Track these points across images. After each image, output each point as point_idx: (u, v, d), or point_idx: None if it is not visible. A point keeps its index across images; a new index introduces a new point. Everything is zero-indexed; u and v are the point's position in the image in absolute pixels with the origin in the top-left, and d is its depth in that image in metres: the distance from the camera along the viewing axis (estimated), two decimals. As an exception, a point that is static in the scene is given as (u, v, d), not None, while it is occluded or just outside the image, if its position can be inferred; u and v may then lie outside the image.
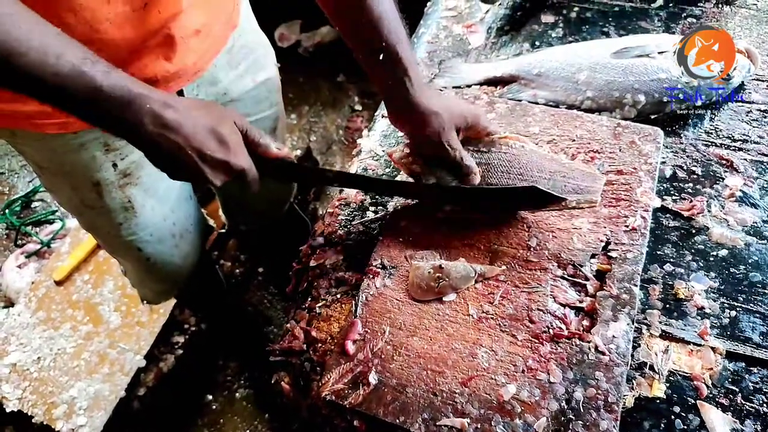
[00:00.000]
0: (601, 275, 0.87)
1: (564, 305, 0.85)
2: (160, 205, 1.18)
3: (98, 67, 0.67)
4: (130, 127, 0.71)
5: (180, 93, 1.01)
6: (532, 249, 0.91)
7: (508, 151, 0.96)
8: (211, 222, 2.05)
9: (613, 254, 0.89)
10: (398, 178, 1.06)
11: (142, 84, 0.71)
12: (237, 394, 1.88)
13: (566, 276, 0.88)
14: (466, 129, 0.94)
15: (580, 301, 0.85)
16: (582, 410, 0.75)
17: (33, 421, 1.64)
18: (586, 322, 0.83)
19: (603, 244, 0.90)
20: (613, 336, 0.81)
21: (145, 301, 1.72)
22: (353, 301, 0.90)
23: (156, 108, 0.70)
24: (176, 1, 0.88)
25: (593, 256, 0.89)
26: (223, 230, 2.05)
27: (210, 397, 1.87)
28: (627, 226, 0.91)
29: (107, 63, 0.68)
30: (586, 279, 0.87)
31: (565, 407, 0.76)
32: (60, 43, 0.65)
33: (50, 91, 0.66)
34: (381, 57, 0.87)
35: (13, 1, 0.64)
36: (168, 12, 0.87)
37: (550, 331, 0.82)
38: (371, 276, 0.92)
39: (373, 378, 0.81)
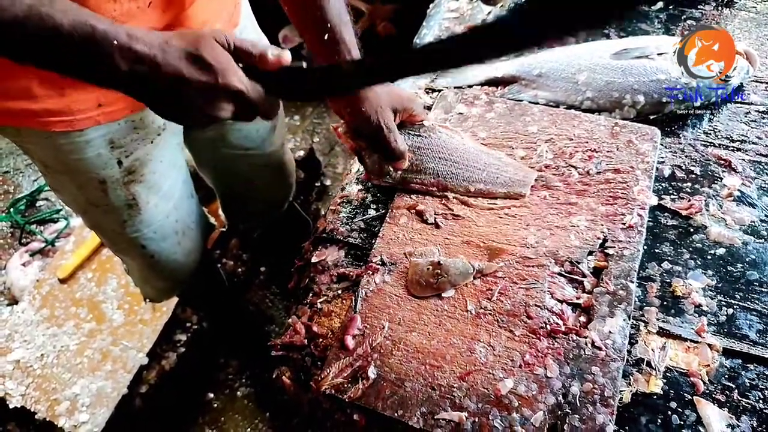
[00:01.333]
0: (598, 272, 0.88)
1: (561, 301, 0.86)
2: (164, 202, 1.19)
3: (56, 6, 0.63)
4: (101, 67, 0.67)
5: None
6: (529, 246, 0.91)
7: (446, 139, 1.03)
8: (213, 221, 2.06)
9: (610, 251, 0.90)
10: None
11: (107, 20, 0.66)
12: (238, 393, 1.88)
13: (563, 273, 0.89)
14: (402, 111, 0.99)
15: (577, 298, 0.86)
16: (578, 404, 0.76)
17: (36, 417, 1.65)
18: (582, 318, 0.84)
19: (600, 241, 0.91)
20: (610, 332, 0.81)
21: (147, 300, 1.73)
22: (353, 297, 0.91)
23: (123, 41, 0.65)
24: (180, 0, 0.89)
25: (590, 253, 0.90)
26: (224, 229, 2.06)
27: (211, 395, 1.88)
28: (624, 224, 0.92)
29: (67, 1, 0.64)
30: (583, 276, 0.88)
31: (562, 401, 0.77)
32: None
33: (11, 41, 0.63)
34: (325, 37, 0.90)
35: None
36: (172, 11, 0.89)
37: (548, 326, 0.83)
38: (371, 272, 0.93)
39: (372, 372, 0.82)
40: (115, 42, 0.65)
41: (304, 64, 0.75)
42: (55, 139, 0.96)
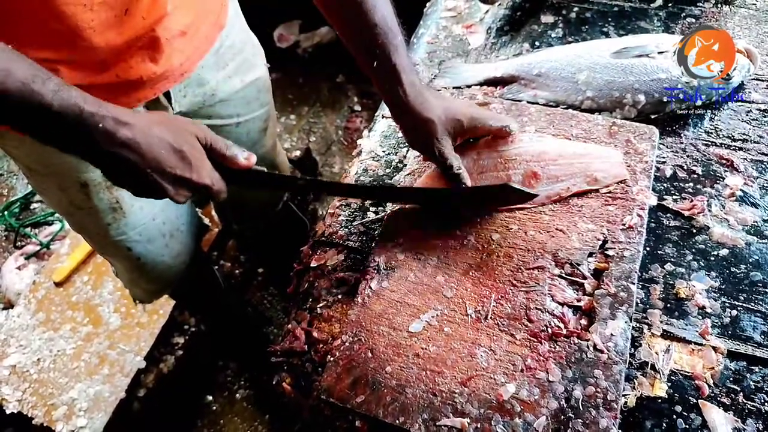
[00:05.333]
0: (598, 274, 0.87)
1: (562, 304, 0.85)
2: (149, 205, 1.17)
3: (48, 86, 0.65)
4: (84, 146, 0.70)
5: (167, 94, 1.01)
6: (529, 249, 0.90)
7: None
8: (207, 221, 2.04)
9: (610, 252, 0.89)
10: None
11: (96, 101, 0.69)
12: (237, 395, 1.88)
13: (564, 275, 0.88)
14: (464, 132, 0.95)
15: (578, 300, 0.85)
16: (581, 408, 0.75)
17: (33, 422, 1.64)
18: (584, 321, 0.83)
19: (600, 242, 0.90)
20: (611, 334, 0.81)
21: (137, 301, 1.71)
22: (353, 302, 0.90)
23: (109, 126, 0.69)
24: (161, 5, 0.88)
25: (590, 254, 0.89)
26: (217, 229, 2.05)
27: (210, 398, 1.87)
28: (624, 225, 0.91)
29: (59, 81, 0.67)
30: (584, 278, 0.87)
31: (565, 406, 0.76)
32: (6, 61, 0.63)
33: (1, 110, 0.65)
34: (375, 64, 0.87)
35: None
36: (152, 17, 0.87)
37: (549, 330, 0.82)
38: (369, 277, 0.91)
39: (372, 379, 0.81)
40: (100, 125, 0.68)
41: (265, 169, 0.88)
42: (37, 143, 0.94)
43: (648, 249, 0.92)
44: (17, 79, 0.63)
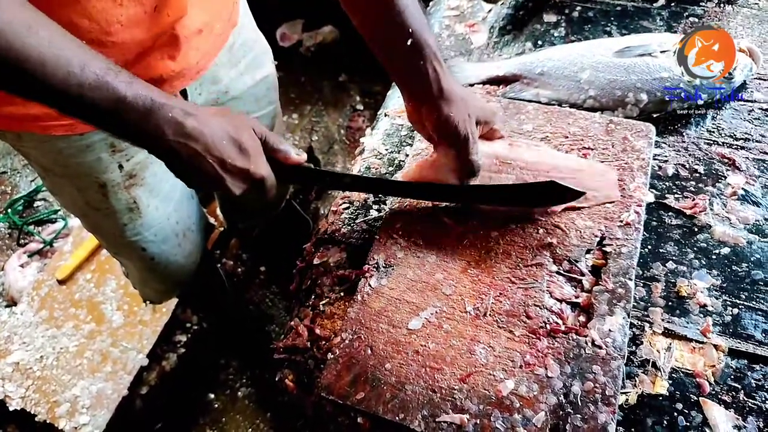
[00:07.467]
0: (596, 270, 0.87)
1: (560, 300, 0.85)
2: (164, 204, 1.18)
3: (121, 78, 0.67)
4: (151, 136, 0.71)
5: (183, 92, 1.02)
6: (527, 246, 0.91)
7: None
8: (212, 221, 2.06)
9: (608, 249, 0.89)
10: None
11: (164, 93, 0.71)
12: (239, 393, 1.88)
13: (562, 271, 0.88)
14: (483, 125, 0.96)
15: (576, 297, 0.85)
16: (580, 404, 0.75)
17: (36, 419, 1.64)
18: (582, 317, 0.83)
19: (598, 239, 0.90)
20: (610, 330, 0.81)
21: (147, 302, 1.72)
22: (353, 299, 0.90)
23: (177, 116, 0.71)
24: (182, 3, 0.89)
25: (588, 251, 0.89)
26: (223, 229, 2.06)
27: (212, 395, 1.87)
28: (621, 221, 0.91)
29: (129, 73, 0.69)
30: (582, 274, 0.87)
31: (563, 401, 0.76)
32: (83, 54, 0.65)
33: (73, 102, 0.66)
34: (409, 42, 0.86)
35: (33, 11, 0.64)
36: (175, 14, 0.88)
37: (547, 326, 0.82)
38: (368, 275, 0.92)
39: (372, 376, 0.81)
40: (170, 115, 0.70)
41: (312, 166, 0.88)
42: (56, 143, 0.95)
43: (650, 247, 0.92)
44: (93, 71, 0.65)
